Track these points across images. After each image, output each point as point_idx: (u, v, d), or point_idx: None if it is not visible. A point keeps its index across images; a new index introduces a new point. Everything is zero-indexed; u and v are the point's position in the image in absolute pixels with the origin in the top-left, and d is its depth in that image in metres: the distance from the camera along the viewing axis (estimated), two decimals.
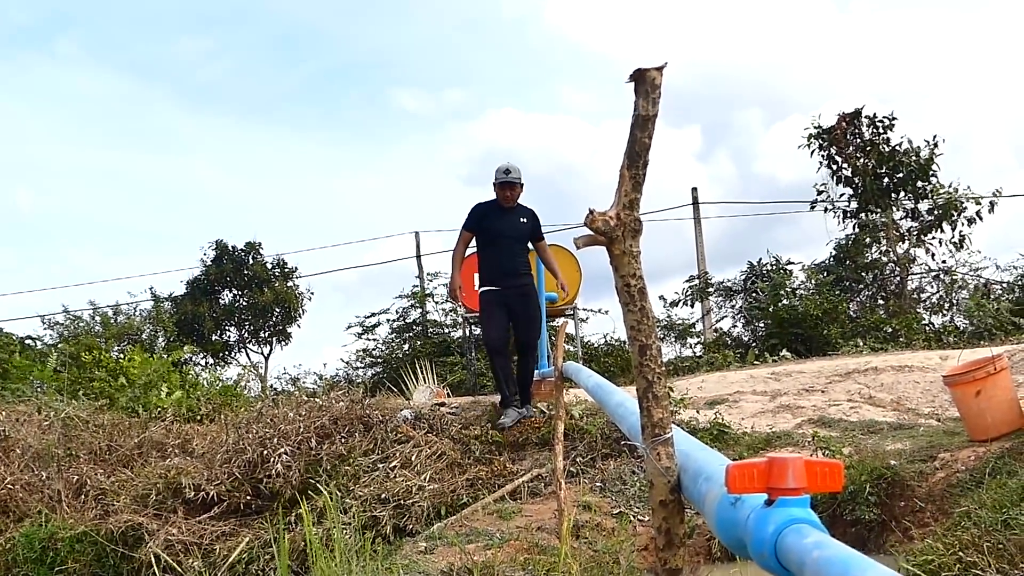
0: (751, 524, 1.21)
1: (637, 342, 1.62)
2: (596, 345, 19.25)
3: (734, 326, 20.16)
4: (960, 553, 5.12)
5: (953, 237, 17.99)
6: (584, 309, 18.51)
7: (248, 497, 8.55)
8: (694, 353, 19.83)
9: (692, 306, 20.63)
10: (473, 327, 16.65)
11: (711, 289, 20.46)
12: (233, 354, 27.75)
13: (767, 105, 46.85)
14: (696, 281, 20.77)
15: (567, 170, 47.46)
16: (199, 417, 10.74)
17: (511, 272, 9.11)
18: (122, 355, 19.07)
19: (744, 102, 48.39)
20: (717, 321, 20.67)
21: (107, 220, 48.52)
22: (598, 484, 8.28)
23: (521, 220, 9.19)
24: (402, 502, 8.14)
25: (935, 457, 7.29)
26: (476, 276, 14.51)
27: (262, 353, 28.02)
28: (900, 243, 18.29)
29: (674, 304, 20.50)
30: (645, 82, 1.55)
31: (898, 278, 18.32)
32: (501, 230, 9.09)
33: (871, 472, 7.23)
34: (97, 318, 27.32)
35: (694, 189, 24.14)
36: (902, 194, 18.31)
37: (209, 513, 8.52)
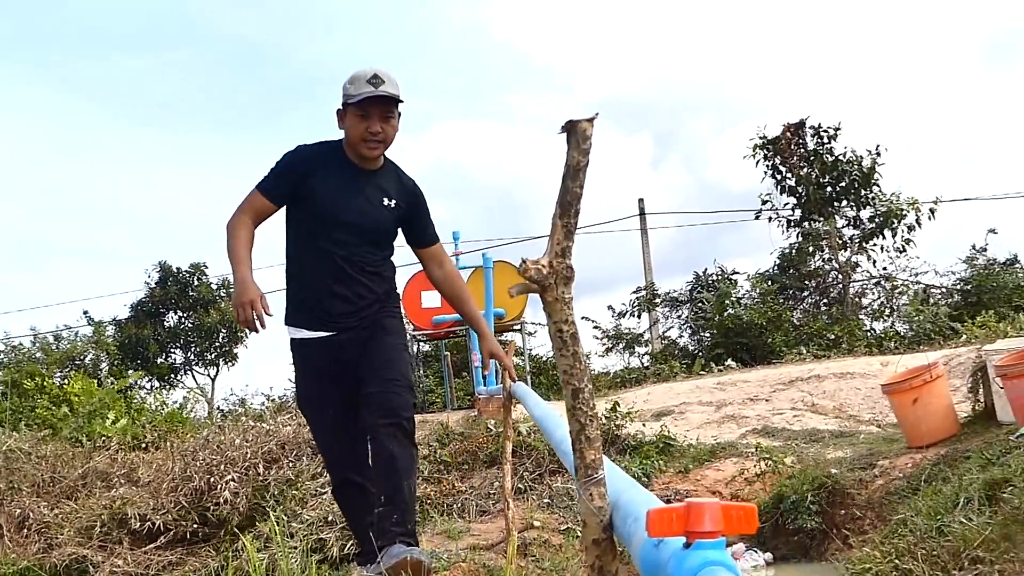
0: (670, 566, 1.28)
1: (570, 386, 1.68)
2: (544, 358, 19.32)
3: (680, 336, 20.37)
4: (896, 561, 5.24)
5: (895, 243, 18.35)
6: (532, 323, 18.58)
7: (195, 525, 8.52)
8: (642, 363, 19.97)
9: (639, 317, 20.81)
10: (421, 343, 16.62)
11: (657, 300, 20.63)
12: (179, 376, 27.59)
13: (718, 112, 47.42)
14: (643, 292, 20.95)
15: (520, 180, 47.70)
16: (145, 445, 10.66)
17: (355, 302, 4.49)
18: (65, 381, 18.88)
19: (695, 109, 48.95)
20: (664, 332, 20.85)
21: (47, 242, 47.88)
22: (546, 500, 8.34)
23: (385, 200, 4.51)
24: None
25: (874, 465, 7.44)
26: (424, 294, 14.70)
27: (209, 375, 27.87)
28: (842, 251, 18.60)
29: (621, 315, 20.66)
30: (576, 133, 1.61)
31: (840, 285, 18.62)
32: (348, 213, 4.42)
33: (812, 481, 7.36)
34: (37, 344, 26.97)
35: (640, 200, 24.38)
36: (844, 203, 18.64)
37: (155, 543, 8.48)
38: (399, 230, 4.63)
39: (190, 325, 26.95)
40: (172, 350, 27.16)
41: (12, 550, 8.81)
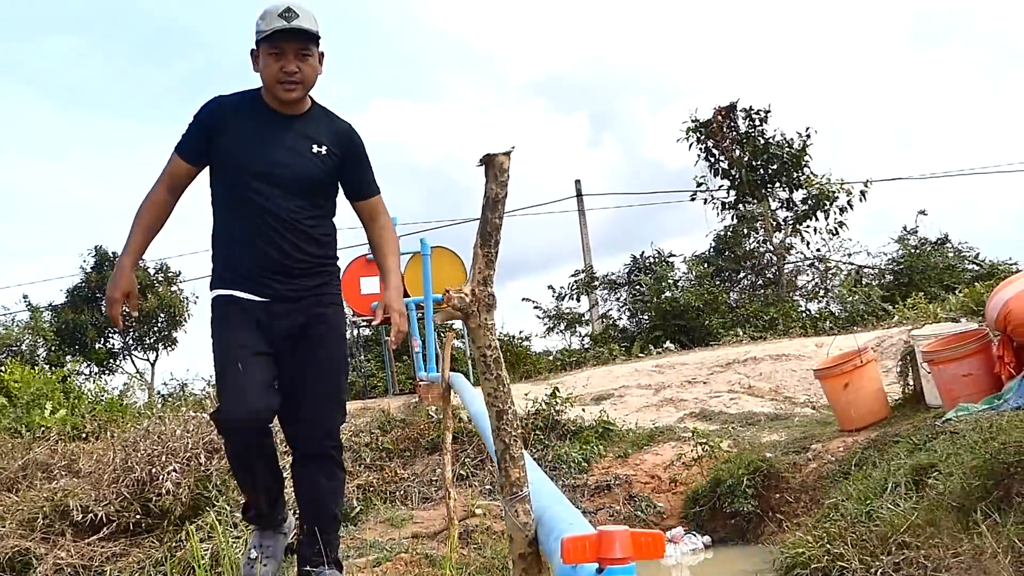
0: None
1: (495, 408, 1.77)
2: None
3: (619, 318, 20.55)
4: (828, 545, 5.40)
5: (828, 225, 18.64)
6: None
7: (138, 516, 8.48)
8: (582, 345, 20.14)
9: (578, 300, 20.98)
10: (361, 328, 16.61)
11: (596, 283, 20.80)
12: (118, 362, 27.32)
13: (653, 91, 47.68)
14: (581, 275, 21.11)
15: (457, 159, 47.66)
16: (85, 435, 10.58)
17: (282, 263, 4.02)
18: (1, 368, 18.63)
19: (630, 88, 49.13)
20: (604, 312, 21.02)
21: None
22: (488, 487, 8.43)
23: (314, 148, 4.06)
24: (293, 511, 8.20)
25: (808, 448, 7.63)
26: (363, 280, 14.69)
27: (148, 360, 27.62)
28: (776, 232, 18.87)
29: (560, 298, 20.81)
30: (494, 166, 1.69)
31: (775, 267, 18.90)
32: (266, 162, 3.99)
33: (748, 465, 7.54)
34: None
35: (577, 181, 24.53)
36: (777, 185, 18.90)
37: (99, 534, 8.44)
38: (337, 183, 4.18)
39: (127, 309, 26.68)
40: (110, 335, 26.86)
41: None
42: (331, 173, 4.09)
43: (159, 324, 26.93)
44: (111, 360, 27.01)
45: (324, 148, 4.04)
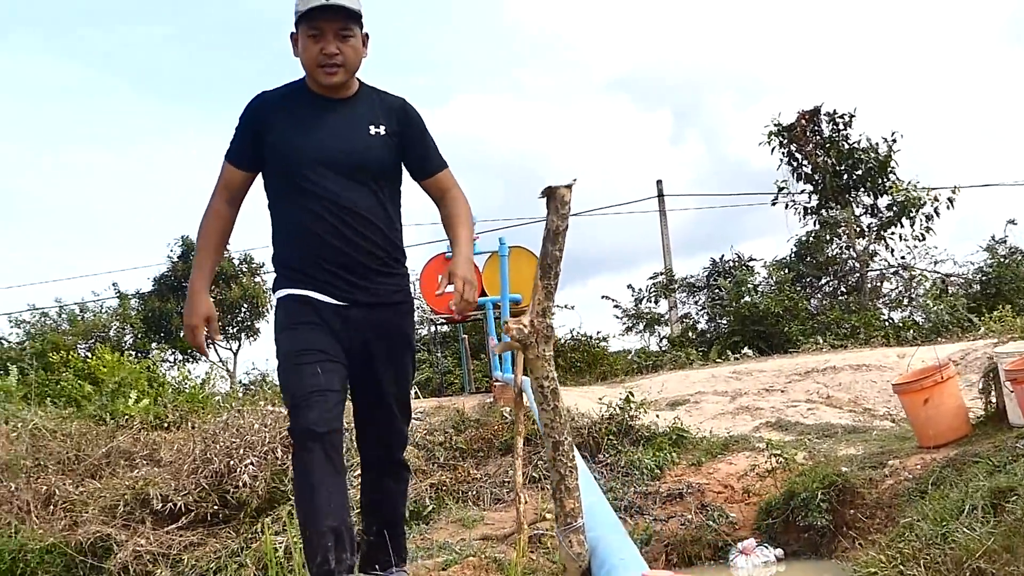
0: None
1: (551, 438, 1.78)
2: (563, 340, 19.38)
3: (697, 322, 20.39)
4: (901, 566, 5.32)
5: (914, 232, 18.27)
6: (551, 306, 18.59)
7: (215, 507, 8.67)
8: (660, 347, 20.04)
9: (656, 303, 20.86)
10: (439, 325, 16.70)
11: (674, 285, 20.67)
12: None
13: (739, 88, 47.13)
14: (660, 277, 21.01)
15: (537, 155, 47.65)
16: (166, 424, 10.81)
17: (351, 256, 3.73)
18: (90, 354, 19.13)
19: (716, 85, 48.63)
20: (683, 315, 20.88)
21: (72, 214, 48.26)
22: None
23: (372, 129, 3.79)
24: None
25: (884, 464, 7.51)
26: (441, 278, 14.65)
27: (231, 348, 28.09)
28: (860, 239, 18.56)
29: (639, 301, 20.72)
30: (555, 199, 1.70)
31: (858, 274, 18.59)
32: (321, 149, 3.73)
33: (823, 479, 7.45)
34: (64, 315, 27.29)
35: (659, 182, 24.39)
36: (861, 190, 18.58)
37: (177, 523, 8.65)
38: (400, 165, 3.87)
39: (212, 299, 27.14)
40: None
41: (39, 527, 9.00)
42: (393, 154, 3.81)
43: (242, 314, 27.37)
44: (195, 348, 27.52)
45: (383, 128, 3.77)
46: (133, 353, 22.56)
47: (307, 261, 3.69)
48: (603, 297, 21.36)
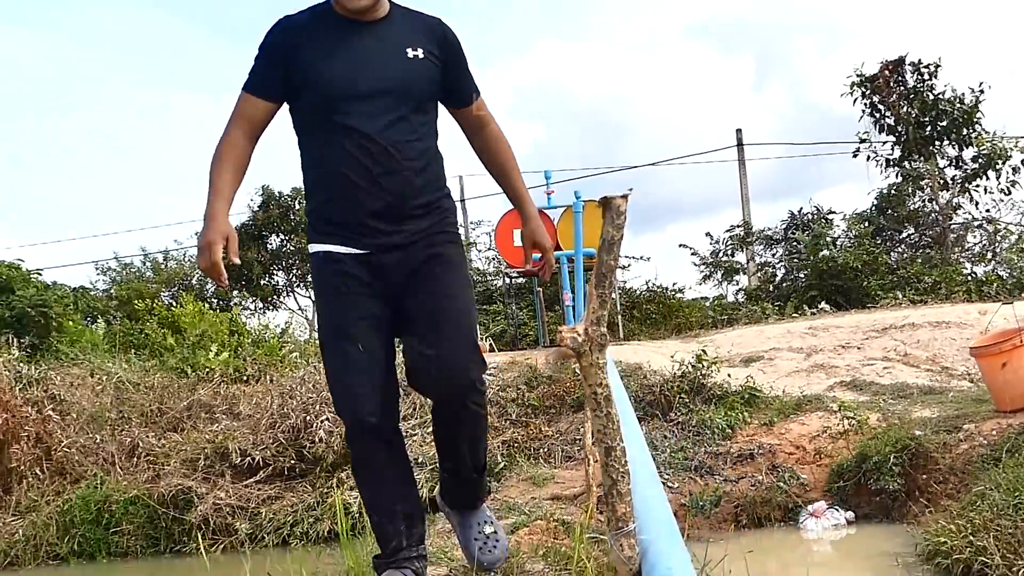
0: None
1: (603, 444, 1.81)
2: (638, 292, 19.32)
3: (774, 275, 20.17)
4: (971, 537, 5.28)
5: (999, 185, 17.82)
6: (626, 256, 18.52)
7: (292, 462, 8.88)
8: (736, 299, 19.89)
9: (732, 256, 20.65)
10: (512, 278, 16.75)
11: (752, 238, 20.45)
12: (281, 298, 28.24)
13: (825, 31, 46.00)
14: (737, 229, 20.79)
15: (617, 100, 47.20)
16: (246, 378, 11.05)
17: (386, 200, 3.25)
18: (173, 302, 19.58)
19: (800, 29, 47.58)
20: (759, 268, 20.67)
21: (156, 162, 49.06)
22: None
23: (410, 51, 3.32)
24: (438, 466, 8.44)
25: (959, 428, 7.43)
26: (516, 232, 14.75)
27: (310, 296, 28.48)
28: (943, 192, 18.16)
29: (715, 255, 20.55)
30: (611, 209, 1.71)
31: (940, 228, 18.21)
32: (353, 77, 3.26)
33: (896, 442, 7.39)
34: (148, 264, 27.89)
35: (738, 131, 23.98)
36: (946, 142, 18.14)
37: (255, 477, 8.88)
38: (438, 92, 3.40)
39: (292, 248, 27.43)
40: (274, 272, 27.74)
41: (123, 478, 9.30)
42: (433, 79, 3.34)
43: None
44: (275, 296, 27.94)
45: (420, 51, 3.30)
46: (215, 301, 23.04)
47: (338, 208, 3.27)
48: (681, 246, 21.18)
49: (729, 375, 9.54)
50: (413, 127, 3.26)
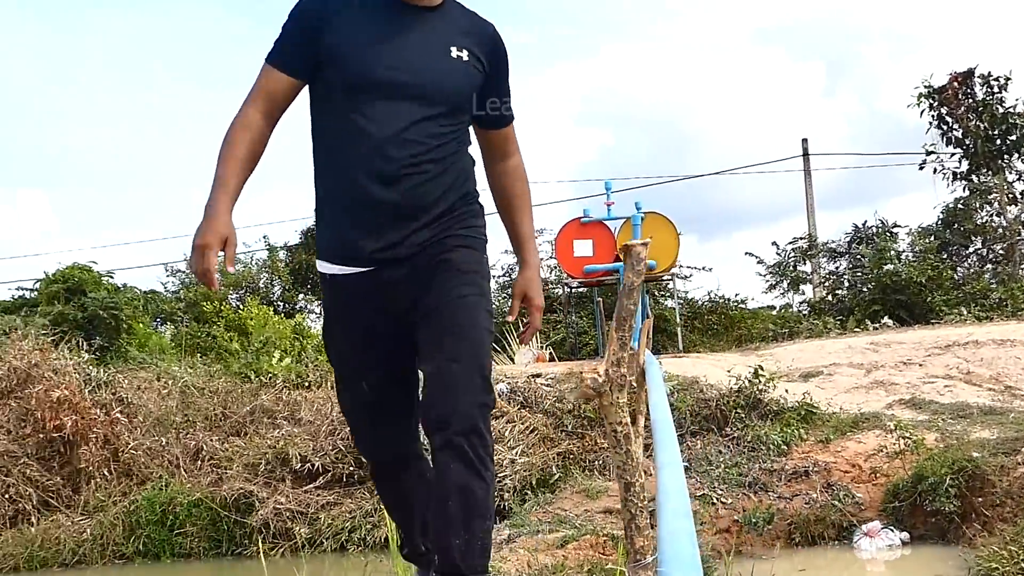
0: None
1: (623, 480, 1.88)
2: (700, 303, 19.25)
3: (837, 289, 19.97)
4: (1023, 564, 5.25)
5: None
6: (687, 267, 18.48)
7: (351, 468, 9.03)
8: (798, 311, 19.72)
9: (794, 268, 20.49)
10: (572, 287, 16.80)
11: (815, 250, 20.29)
12: None
13: (897, 38, 45.37)
14: (801, 242, 20.63)
15: (683, 106, 46.92)
16: (307, 383, 11.23)
17: (398, 212, 2.85)
18: (240, 304, 19.91)
19: (871, 35, 46.95)
20: (829, 272, 20.47)
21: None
22: (684, 464, 8.49)
23: (454, 51, 2.91)
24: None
25: (1018, 451, 7.36)
26: (576, 243, 14.84)
27: None
28: (1011, 206, 17.89)
29: (779, 265, 20.39)
30: (631, 256, 1.79)
31: (1008, 243, 17.94)
32: (390, 68, 2.84)
33: (952, 464, 7.34)
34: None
35: (804, 140, 23.77)
36: (1015, 156, 17.89)
37: (315, 483, 9.05)
38: (473, 102, 3.00)
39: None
40: None
41: (187, 480, 9.53)
42: (473, 85, 2.96)
43: None
44: None
45: (465, 52, 2.92)
46: (281, 304, 23.34)
47: (342, 218, 2.93)
48: (747, 254, 21.11)
49: (787, 391, 9.52)
50: (438, 130, 2.88)
